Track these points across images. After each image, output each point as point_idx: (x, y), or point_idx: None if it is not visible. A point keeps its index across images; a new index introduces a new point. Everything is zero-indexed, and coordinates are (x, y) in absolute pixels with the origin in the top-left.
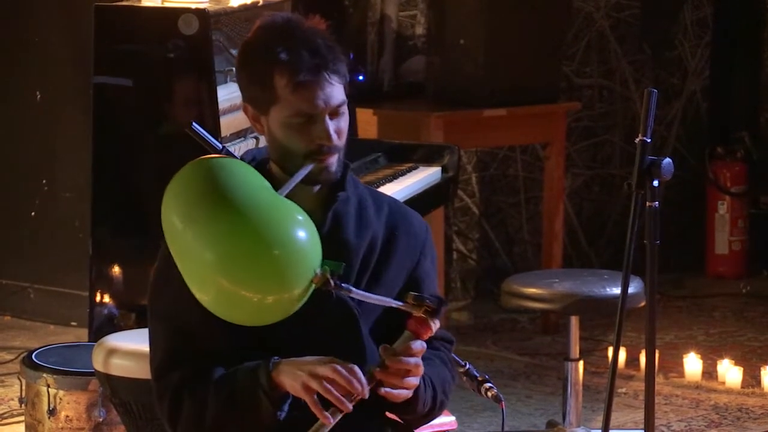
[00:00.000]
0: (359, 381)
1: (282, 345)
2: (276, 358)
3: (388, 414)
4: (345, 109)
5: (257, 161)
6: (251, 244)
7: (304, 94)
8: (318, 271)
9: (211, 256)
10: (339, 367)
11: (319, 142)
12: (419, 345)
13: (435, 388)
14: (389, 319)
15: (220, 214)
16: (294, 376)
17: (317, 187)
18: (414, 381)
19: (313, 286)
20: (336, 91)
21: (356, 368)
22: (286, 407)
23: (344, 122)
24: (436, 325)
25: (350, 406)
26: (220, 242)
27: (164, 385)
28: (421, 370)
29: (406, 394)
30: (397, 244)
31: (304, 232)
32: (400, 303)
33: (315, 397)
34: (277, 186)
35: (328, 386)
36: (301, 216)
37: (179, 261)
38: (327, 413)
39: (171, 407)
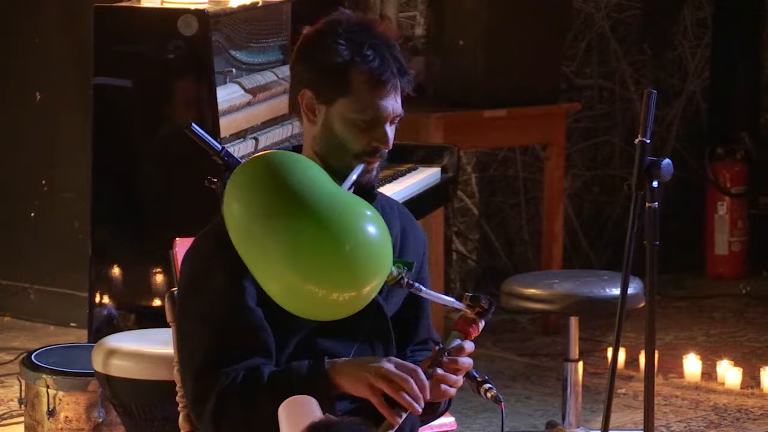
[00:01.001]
0: (422, 383)
1: (322, 342)
2: (328, 359)
3: None
4: (398, 122)
5: None
6: (322, 239)
7: (380, 94)
8: (393, 269)
9: (282, 251)
10: (404, 372)
11: (376, 144)
12: (470, 345)
13: None
14: (403, 315)
15: (292, 210)
16: (357, 377)
17: (351, 189)
18: (461, 381)
19: (387, 283)
20: (401, 102)
21: (419, 370)
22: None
23: (394, 132)
24: (481, 326)
25: (419, 408)
26: (292, 238)
27: (207, 386)
28: (471, 365)
29: (451, 392)
30: (408, 243)
31: (374, 228)
32: (460, 303)
33: (381, 397)
34: None
35: (397, 388)
36: (371, 211)
37: (246, 252)
38: (394, 413)
39: (216, 408)
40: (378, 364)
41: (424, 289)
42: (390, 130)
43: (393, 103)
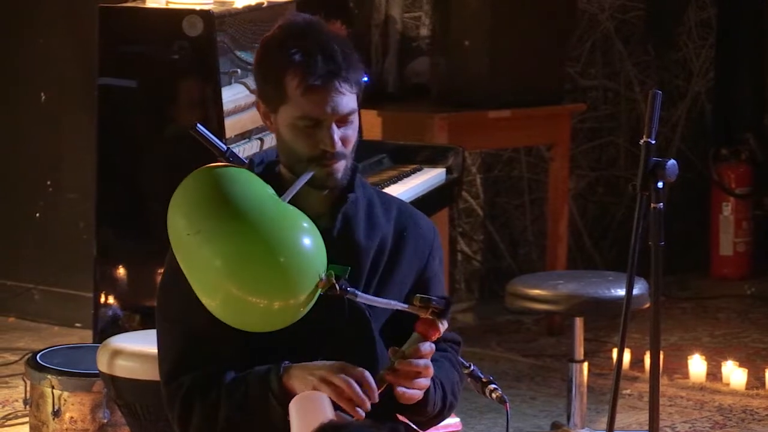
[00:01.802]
0: (369, 387)
1: (295, 348)
2: (286, 362)
3: (398, 416)
4: (354, 117)
5: (265, 163)
6: (257, 251)
7: (313, 98)
8: (323, 275)
9: (218, 263)
10: (349, 377)
11: (323, 147)
12: (428, 347)
13: (444, 389)
14: (399, 318)
15: (226, 224)
16: (305, 382)
17: (326, 190)
18: (424, 382)
19: (319, 290)
20: (346, 100)
21: (366, 374)
22: None
23: (352, 130)
24: (444, 325)
25: (362, 414)
26: (227, 251)
27: (175, 390)
28: (431, 371)
29: (417, 395)
30: (406, 245)
31: (309, 239)
32: (406, 306)
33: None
34: (285, 188)
35: (341, 393)
36: (306, 223)
37: (186, 268)
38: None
39: (182, 411)
40: (323, 370)
41: (361, 294)
42: (338, 131)
43: (333, 104)
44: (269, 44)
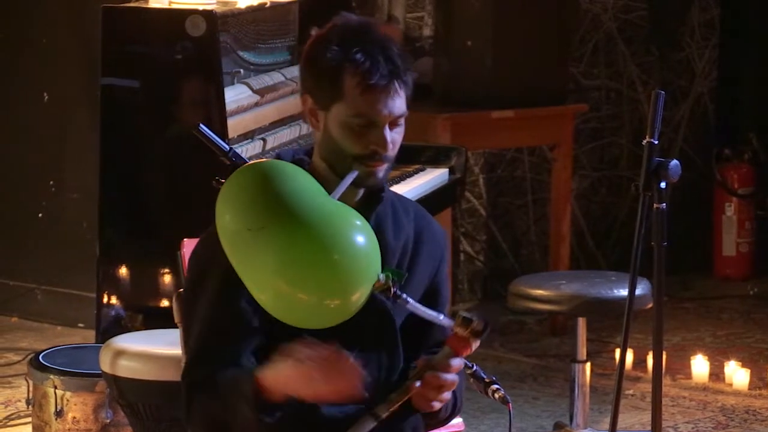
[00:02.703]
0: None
1: (319, 341)
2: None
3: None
4: (403, 121)
5: (295, 160)
6: (312, 249)
7: (372, 98)
8: (381, 276)
9: (271, 259)
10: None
11: (374, 148)
12: (458, 362)
13: (456, 396)
14: (418, 318)
15: (281, 221)
16: (285, 379)
17: (362, 189)
18: (448, 395)
19: (373, 290)
20: (401, 102)
21: (339, 353)
22: (278, 413)
23: (399, 134)
24: (476, 344)
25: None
26: (281, 247)
27: (186, 386)
28: (456, 383)
29: (437, 406)
30: (422, 248)
31: (363, 237)
32: (451, 322)
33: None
34: (321, 184)
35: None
36: (360, 221)
37: (238, 262)
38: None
39: (185, 404)
40: (290, 359)
41: (411, 301)
42: (389, 133)
43: (390, 105)
44: (326, 41)
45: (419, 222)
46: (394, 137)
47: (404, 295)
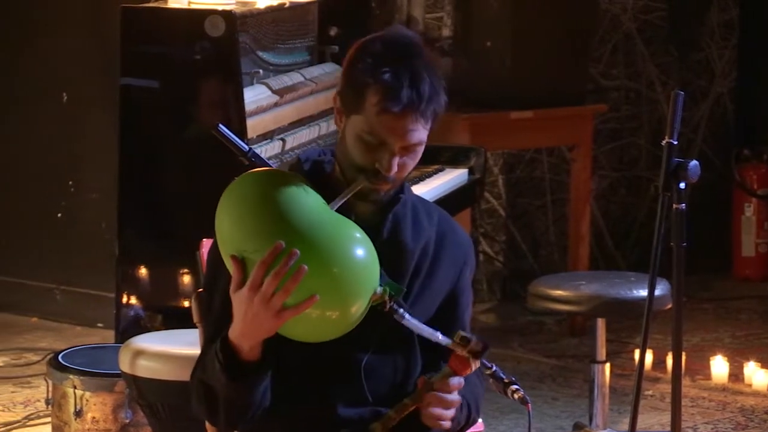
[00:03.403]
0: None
1: (337, 346)
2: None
3: None
4: (420, 148)
5: (312, 161)
6: (309, 262)
7: (386, 122)
8: (378, 289)
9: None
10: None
11: (378, 167)
12: (457, 381)
13: (470, 406)
14: (435, 321)
15: (279, 234)
16: (250, 318)
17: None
18: (450, 412)
19: (371, 303)
20: (417, 133)
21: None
22: (253, 376)
23: (412, 160)
24: (476, 365)
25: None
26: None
27: (194, 379)
28: (458, 402)
29: (444, 425)
30: (445, 252)
31: (362, 250)
32: (448, 340)
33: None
34: (333, 187)
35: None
36: (359, 234)
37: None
38: None
39: (192, 397)
40: (241, 291)
41: (407, 317)
42: (398, 158)
43: (402, 134)
44: (365, 51)
45: (442, 226)
46: (406, 162)
47: (400, 310)
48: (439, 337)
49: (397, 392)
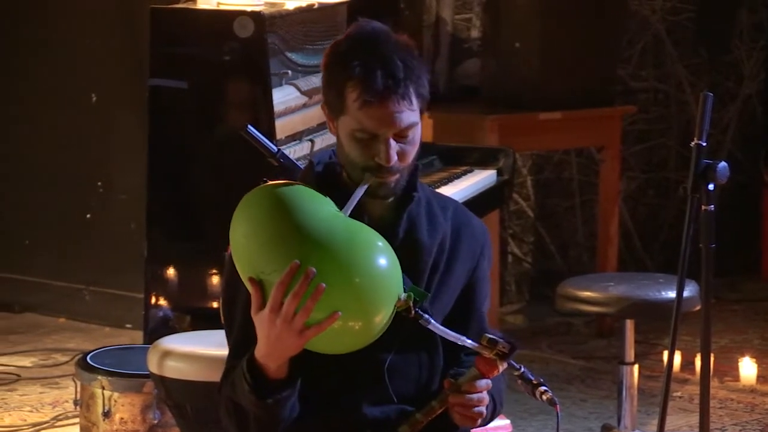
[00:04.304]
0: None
1: (359, 353)
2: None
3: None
4: (414, 131)
5: (324, 163)
6: (328, 276)
7: (370, 113)
8: (402, 296)
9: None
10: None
11: (378, 161)
12: (484, 383)
13: (495, 401)
14: (452, 318)
15: (294, 252)
16: (273, 339)
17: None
18: (479, 410)
19: (395, 309)
20: (404, 116)
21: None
22: (281, 394)
23: (411, 145)
24: (503, 366)
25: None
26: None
27: (222, 394)
28: (486, 401)
29: (472, 424)
30: (461, 245)
31: (383, 258)
32: (475, 344)
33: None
34: (345, 190)
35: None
36: (379, 240)
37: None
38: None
39: (220, 404)
40: (264, 314)
41: (433, 322)
42: (396, 145)
43: (389, 120)
44: (335, 53)
45: (457, 219)
46: (405, 149)
47: (426, 315)
48: (466, 341)
49: (423, 391)
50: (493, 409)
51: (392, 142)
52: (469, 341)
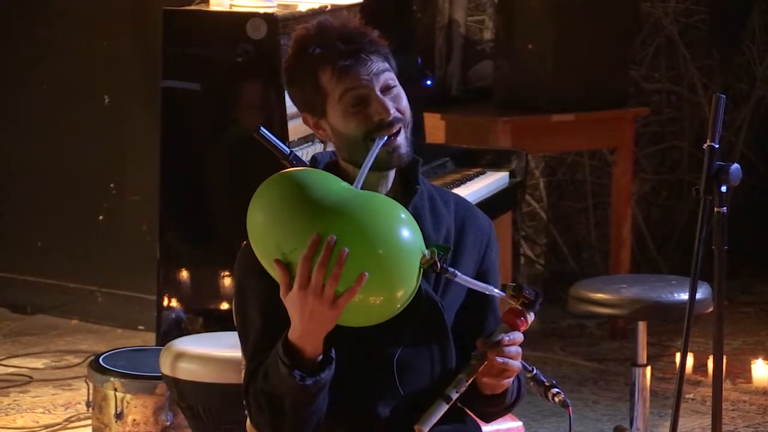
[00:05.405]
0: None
1: (370, 338)
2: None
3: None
4: (399, 90)
5: (325, 162)
6: (350, 241)
7: (349, 77)
8: (426, 252)
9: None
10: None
11: (378, 119)
12: (518, 335)
13: (520, 379)
14: (467, 309)
15: (312, 224)
16: (307, 316)
17: (392, 178)
18: (516, 365)
19: (421, 267)
20: (381, 68)
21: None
22: (319, 375)
23: (401, 99)
24: (531, 317)
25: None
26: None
27: (244, 384)
28: (520, 355)
29: (508, 383)
30: (466, 237)
31: (402, 213)
32: (502, 293)
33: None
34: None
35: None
36: (404, 214)
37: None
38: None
39: (245, 403)
40: (294, 291)
41: (459, 274)
42: (389, 98)
43: (368, 73)
44: (292, 59)
45: (460, 212)
46: (396, 102)
47: (451, 269)
48: (494, 290)
49: (436, 385)
50: (518, 387)
51: (383, 97)
52: (497, 290)
